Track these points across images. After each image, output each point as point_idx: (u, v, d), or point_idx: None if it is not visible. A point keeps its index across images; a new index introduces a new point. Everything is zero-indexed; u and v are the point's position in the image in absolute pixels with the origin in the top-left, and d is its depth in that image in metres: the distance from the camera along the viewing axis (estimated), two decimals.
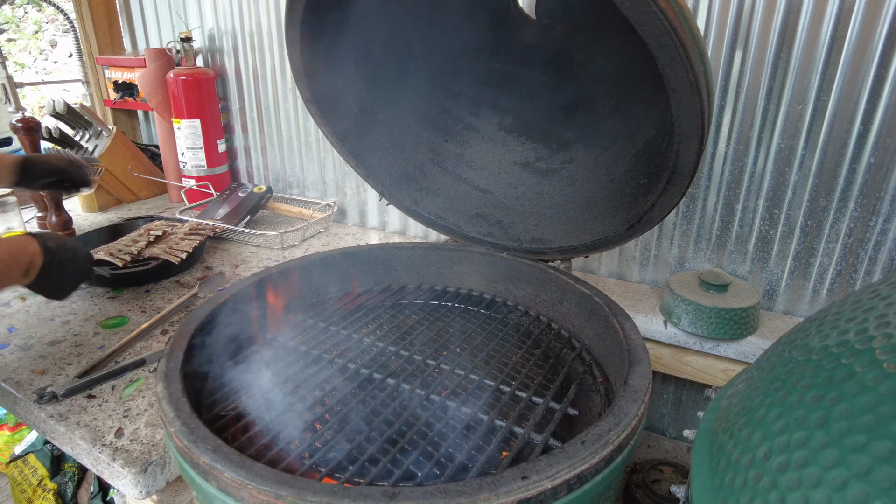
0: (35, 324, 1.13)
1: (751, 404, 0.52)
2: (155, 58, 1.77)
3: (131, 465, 0.77)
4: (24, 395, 0.90)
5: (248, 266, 1.44)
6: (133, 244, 1.37)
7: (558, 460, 0.54)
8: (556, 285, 0.98)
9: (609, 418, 0.60)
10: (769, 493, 0.42)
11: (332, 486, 0.51)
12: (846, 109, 1.06)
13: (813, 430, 0.43)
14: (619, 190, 0.97)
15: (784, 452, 0.43)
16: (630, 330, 0.78)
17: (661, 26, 0.61)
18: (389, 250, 1.11)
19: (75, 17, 2.10)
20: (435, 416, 0.73)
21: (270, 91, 1.77)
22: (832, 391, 0.44)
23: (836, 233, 1.14)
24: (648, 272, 1.38)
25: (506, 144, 1.15)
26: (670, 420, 1.46)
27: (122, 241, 1.40)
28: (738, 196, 1.21)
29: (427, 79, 1.12)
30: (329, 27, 0.92)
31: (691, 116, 0.68)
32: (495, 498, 0.50)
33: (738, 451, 0.49)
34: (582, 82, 1.05)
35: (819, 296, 1.20)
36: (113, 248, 1.35)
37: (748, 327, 1.13)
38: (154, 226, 1.46)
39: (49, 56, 7.01)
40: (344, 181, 1.76)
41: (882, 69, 1.01)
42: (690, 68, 0.63)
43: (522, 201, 1.11)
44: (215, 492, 0.54)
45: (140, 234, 1.43)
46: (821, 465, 0.40)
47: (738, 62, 1.13)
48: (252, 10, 1.69)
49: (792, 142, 1.13)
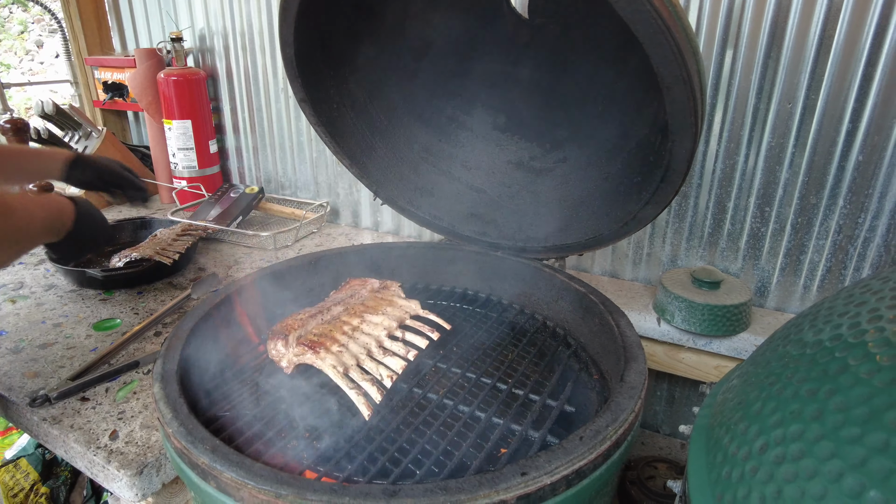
0: (26, 327, 1.12)
1: (746, 399, 0.53)
2: (145, 58, 1.76)
3: (126, 467, 0.76)
4: (17, 398, 0.89)
5: (241, 267, 1.43)
6: (174, 243, 1.38)
7: (557, 456, 0.54)
8: (551, 283, 0.99)
9: (606, 414, 0.60)
10: (766, 486, 0.43)
11: (332, 484, 0.51)
12: (835, 108, 1.08)
13: (808, 423, 0.43)
14: (613, 188, 0.97)
15: (780, 445, 0.44)
16: (625, 327, 0.79)
17: (655, 25, 0.62)
18: (384, 250, 1.11)
19: (63, 17, 2.08)
20: (433, 414, 0.73)
21: (262, 91, 1.76)
22: (827, 384, 0.45)
23: (825, 230, 1.15)
24: (641, 270, 1.39)
25: (499, 143, 1.16)
26: (664, 417, 1.47)
27: (163, 240, 1.40)
28: (729, 194, 1.22)
29: (421, 78, 1.12)
30: (323, 26, 0.92)
31: (685, 115, 0.69)
32: (495, 494, 0.50)
33: (735, 445, 0.49)
34: (575, 81, 1.05)
35: (810, 292, 1.21)
36: (157, 248, 1.35)
37: (740, 324, 1.14)
38: (192, 226, 1.49)
39: (35, 56, 6.93)
40: (336, 181, 1.75)
41: (870, 68, 1.03)
42: (684, 67, 0.64)
43: (516, 200, 1.12)
44: (214, 492, 0.54)
45: (179, 233, 1.43)
46: (817, 457, 0.41)
47: (728, 61, 1.14)
48: (243, 10, 1.68)
49: (782, 140, 1.14)
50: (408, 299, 0.91)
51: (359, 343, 0.79)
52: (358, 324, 0.83)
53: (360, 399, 0.70)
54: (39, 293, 1.27)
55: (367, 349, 0.79)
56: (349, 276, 1.04)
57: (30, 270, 1.39)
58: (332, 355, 0.75)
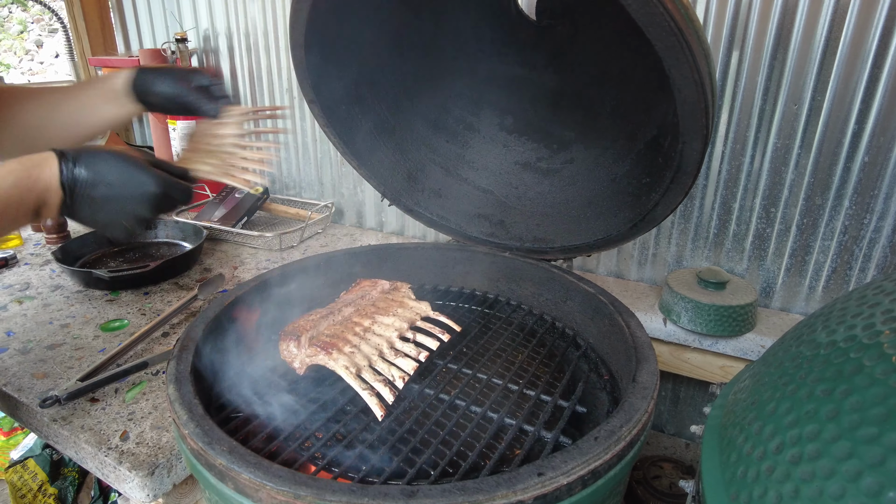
0: (33, 327, 1.12)
1: (760, 399, 0.53)
2: (150, 58, 1.76)
3: (138, 468, 0.77)
4: (27, 399, 0.90)
5: (247, 267, 1.43)
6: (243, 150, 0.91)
7: (573, 457, 0.55)
8: (560, 284, 0.99)
9: (620, 415, 0.61)
10: (783, 485, 0.43)
11: (350, 485, 0.51)
12: (841, 109, 1.08)
13: (825, 423, 0.44)
14: (621, 189, 0.98)
15: (796, 445, 0.44)
16: (636, 328, 0.79)
17: (668, 28, 0.62)
18: (392, 250, 1.11)
19: (67, 17, 2.08)
20: (445, 415, 0.73)
21: (266, 92, 1.77)
22: (842, 384, 0.45)
23: (831, 230, 1.16)
24: (647, 270, 1.39)
25: (507, 145, 1.16)
26: (669, 417, 1.48)
27: (219, 146, 0.91)
28: (735, 195, 1.23)
29: (428, 79, 1.13)
30: (333, 29, 0.93)
31: (696, 116, 0.69)
32: (513, 494, 0.50)
33: (749, 445, 0.50)
34: (582, 82, 1.05)
35: (815, 293, 1.22)
36: (224, 167, 0.89)
37: (746, 324, 1.15)
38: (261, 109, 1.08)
39: (35, 56, 6.92)
40: (341, 182, 1.75)
41: (876, 69, 1.03)
42: (696, 69, 0.65)
43: (524, 201, 1.12)
44: (232, 493, 0.54)
45: (240, 128, 0.91)
46: (834, 456, 0.41)
47: (734, 62, 1.14)
48: (247, 10, 1.69)
49: (788, 141, 1.14)
50: (418, 301, 0.92)
51: (370, 344, 0.79)
52: (369, 325, 0.84)
53: (374, 400, 0.70)
54: (46, 294, 1.27)
55: (379, 350, 0.79)
56: (357, 276, 1.05)
57: (35, 271, 1.39)
58: (344, 356, 0.75)
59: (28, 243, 1.58)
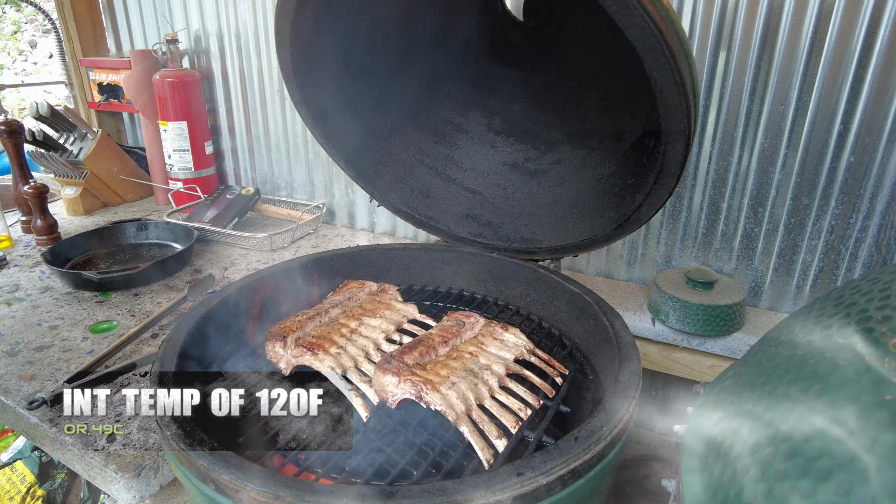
0: (22, 329, 1.12)
1: (739, 398, 0.54)
2: (140, 59, 1.76)
3: (124, 469, 0.77)
4: (14, 401, 0.89)
5: (238, 268, 1.43)
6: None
7: (552, 457, 0.55)
8: (547, 284, 1.00)
9: (601, 415, 0.61)
10: (757, 485, 0.43)
11: (329, 486, 0.51)
12: (826, 109, 1.09)
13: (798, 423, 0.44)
14: (607, 190, 0.98)
15: (771, 444, 0.45)
16: (620, 328, 0.79)
17: (648, 29, 0.62)
18: (381, 252, 1.12)
19: (57, 18, 2.07)
20: (429, 415, 0.74)
21: (257, 92, 1.76)
22: (816, 384, 0.46)
23: (818, 230, 1.17)
24: (636, 270, 1.39)
25: (494, 145, 1.16)
26: (658, 416, 1.48)
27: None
28: (723, 195, 1.23)
29: (416, 80, 1.13)
30: (318, 30, 0.93)
31: (678, 117, 0.69)
32: (491, 495, 0.51)
33: (727, 444, 0.50)
34: (569, 84, 1.06)
35: (802, 292, 1.22)
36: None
37: (734, 323, 1.15)
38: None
39: (28, 57, 6.89)
40: (332, 182, 1.75)
41: (861, 70, 1.04)
42: (676, 70, 0.65)
43: (512, 202, 1.12)
44: (213, 494, 0.55)
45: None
46: (806, 456, 0.42)
47: (721, 63, 1.15)
48: (238, 11, 1.68)
49: (775, 141, 1.15)
50: (405, 303, 0.92)
51: (357, 345, 0.80)
52: (356, 326, 0.84)
53: (358, 401, 0.70)
54: (35, 295, 1.27)
55: (366, 351, 0.79)
56: (346, 277, 1.05)
57: (25, 272, 1.39)
58: (330, 357, 0.75)
59: (18, 245, 1.57)
